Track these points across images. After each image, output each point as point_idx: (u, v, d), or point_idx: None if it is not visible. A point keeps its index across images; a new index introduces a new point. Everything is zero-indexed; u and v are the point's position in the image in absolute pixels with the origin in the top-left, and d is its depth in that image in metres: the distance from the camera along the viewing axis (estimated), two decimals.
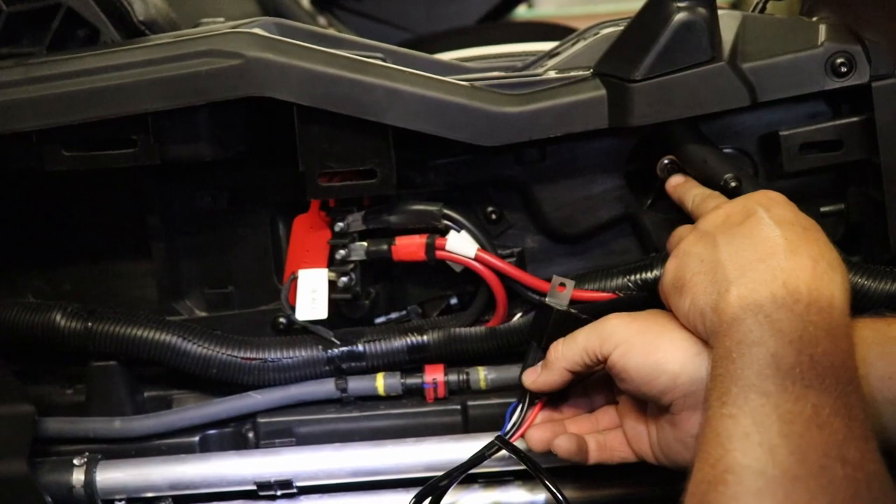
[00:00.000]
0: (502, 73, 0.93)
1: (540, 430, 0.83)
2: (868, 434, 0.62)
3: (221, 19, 1.08)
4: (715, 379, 0.66)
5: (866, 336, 0.71)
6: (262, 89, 0.85)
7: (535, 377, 0.83)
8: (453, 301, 0.98)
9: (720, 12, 0.86)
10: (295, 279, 0.93)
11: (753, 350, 0.65)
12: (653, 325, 0.76)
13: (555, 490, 0.82)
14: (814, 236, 0.71)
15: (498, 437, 0.84)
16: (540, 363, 0.83)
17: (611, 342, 0.76)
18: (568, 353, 0.79)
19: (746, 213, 0.74)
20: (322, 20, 2.27)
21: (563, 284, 0.85)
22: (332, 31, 1.02)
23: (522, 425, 0.84)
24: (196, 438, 0.94)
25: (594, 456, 0.82)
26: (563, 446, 0.81)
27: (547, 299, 0.85)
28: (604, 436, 0.83)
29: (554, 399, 0.85)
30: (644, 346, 0.74)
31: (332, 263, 0.93)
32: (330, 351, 0.93)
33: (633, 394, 0.77)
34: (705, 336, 0.72)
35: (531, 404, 0.85)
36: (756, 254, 0.70)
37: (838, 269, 0.70)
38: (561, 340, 0.81)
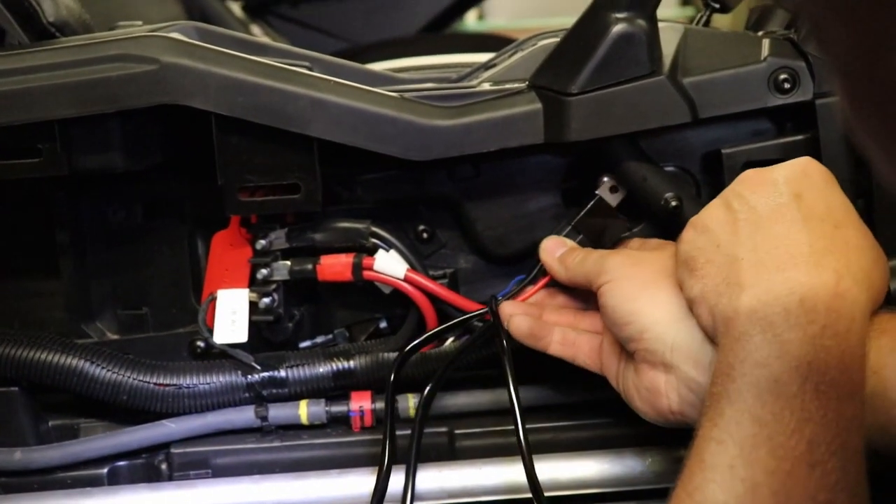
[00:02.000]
0: (434, 85, 0.92)
1: (511, 306, 0.85)
2: (862, 479, 0.61)
3: (139, 23, 1.06)
4: (711, 397, 0.65)
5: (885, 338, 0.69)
6: (178, 97, 0.83)
7: (554, 253, 0.85)
8: (382, 324, 0.97)
9: (661, 24, 0.86)
10: (213, 300, 0.91)
11: (756, 372, 0.63)
12: (647, 274, 0.77)
13: (510, 374, 0.82)
14: (843, 240, 0.68)
15: (493, 297, 0.86)
16: (565, 239, 0.86)
17: (604, 276, 0.79)
18: (576, 268, 0.83)
19: (777, 199, 0.70)
20: (256, 28, 2.26)
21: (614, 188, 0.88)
22: (256, 38, 1.00)
23: (520, 295, 0.87)
24: (104, 470, 0.91)
25: (556, 348, 0.84)
26: (516, 323, 0.84)
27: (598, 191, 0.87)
28: (577, 334, 0.84)
29: (556, 283, 0.87)
30: (627, 291, 0.77)
31: (253, 283, 0.91)
32: (250, 376, 0.91)
33: (608, 328, 0.80)
34: (710, 333, 0.70)
35: (535, 279, 0.88)
36: (776, 260, 0.67)
37: (864, 284, 0.67)
38: (578, 252, 0.84)
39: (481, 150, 0.85)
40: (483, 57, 1.08)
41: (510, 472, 0.86)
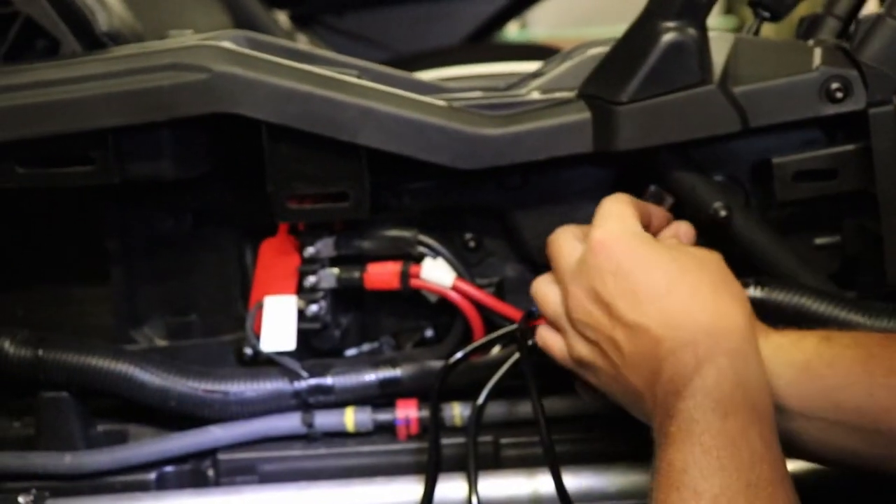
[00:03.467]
0: (482, 94, 0.93)
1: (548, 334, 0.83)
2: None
3: (190, 31, 1.09)
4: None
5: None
6: (229, 105, 0.85)
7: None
8: (428, 333, 0.98)
9: (711, 34, 0.87)
10: (261, 307, 0.93)
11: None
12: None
13: (533, 392, 0.84)
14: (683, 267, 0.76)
15: (527, 312, 0.86)
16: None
17: None
18: None
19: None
20: (302, 38, 2.29)
21: None
22: (305, 47, 1.02)
23: None
24: (152, 475, 0.93)
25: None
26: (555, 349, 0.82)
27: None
28: None
29: None
30: None
31: (300, 291, 0.93)
32: (296, 383, 0.93)
33: None
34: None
35: None
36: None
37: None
38: None
39: (530, 158, 0.87)
40: (530, 66, 1.09)
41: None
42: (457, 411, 0.93)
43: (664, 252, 0.76)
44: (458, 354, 0.90)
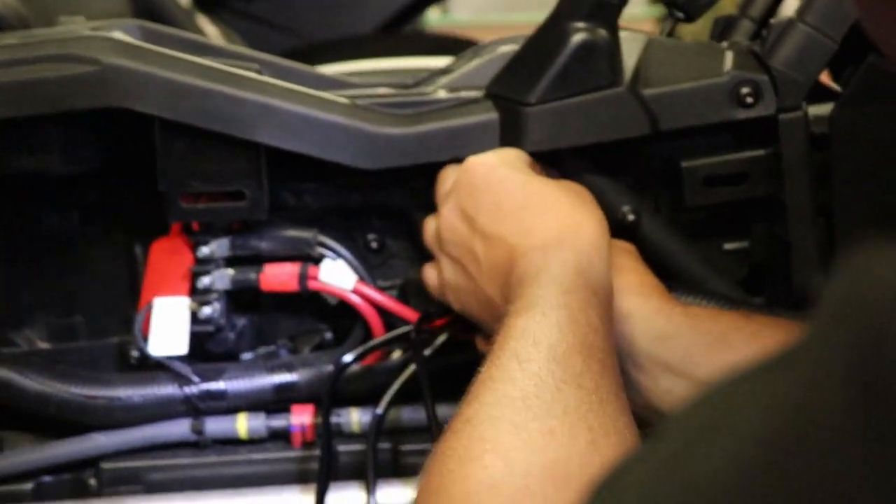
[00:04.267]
0: (387, 91, 0.95)
1: None
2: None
3: (81, 18, 1.08)
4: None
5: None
6: (120, 100, 0.86)
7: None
8: (327, 335, 1.00)
9: (623, 34, 0.89)
10: (150, 309, 0.93)
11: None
12: None
13: (427, 397, 0.86)
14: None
15: (422, 316, 0.91)
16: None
17: None
18: None
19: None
20: (205, 22, 2.27)
21: None
22: (202, 38, 1.03)
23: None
24: (29, 486, 0.92)
25: None
26: None
27: None
28: None
29: None
30: None
31: (193, 292, 0.94)
32: (187, 388, 0.93)
33: None
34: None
35: None
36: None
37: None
38: None
39: (434, 159, 0.88)
40: (441, 61, 1.11)
41: None
42: (355, 417, 0.94)
43: (532, 176, 0.83)
44: (349, 357, 0.91)
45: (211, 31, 2.28)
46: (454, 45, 1.98)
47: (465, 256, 0.83)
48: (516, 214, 0.79)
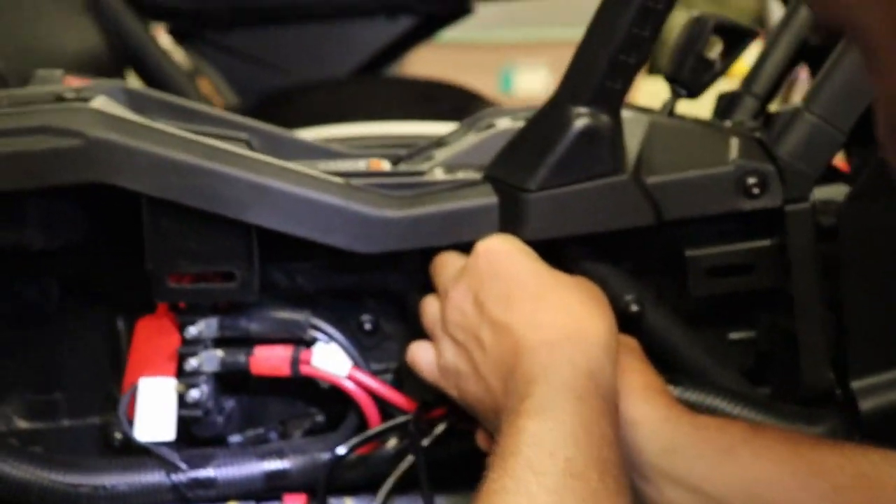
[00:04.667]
0: (382, 170, 0.94)
1: None
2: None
3: (59, 72, 1.07)
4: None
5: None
6: (105, 175, 0.85)
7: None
8: (319, 419, 0.99)
9: (625, 115, 0.90)
10: (136, 390, 0.92)
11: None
12: None
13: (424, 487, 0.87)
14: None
15: (419, 407, 0.91)
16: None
17: None
18: None
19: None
20: (181, 56, 2.27)
21: None
22: (191, 103, 1.02)
23: None
24: None
25: None
26: None
27: None
28: None
29: None
30: None
31: (180, 374, 0.93)
32: (174, 476, 0.92)
33: None
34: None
35: None
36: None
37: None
38: None
39: (432, 244, 0.88)
40: (432, 128, 1.11)
41: None
42: None
43: (543, 266, 0.84)
44: (343, 449, 0.91)
45: (185, 62, 2.28)
46: (440, 93, 1.99)
47: (470, 342, 0.83)
48: (527, 305, 0.80)
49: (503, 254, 0.84)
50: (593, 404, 0.73)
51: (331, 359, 0.93)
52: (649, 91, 1.18)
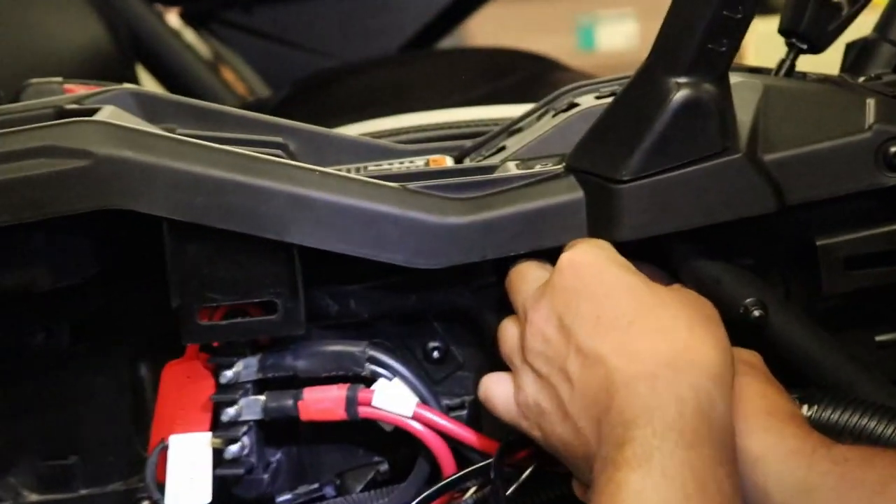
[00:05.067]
0: (444, 168, 0.95)
1: None
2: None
3: (58, 79, 1.10)
4: None
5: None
6: (118, 200, 0.86)
7: None
8: (382, 468, 1.00)
9: (734, 82, 0.89)
10: (165, 448, 0.94)
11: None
12: None
13: None
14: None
15: (503, 444, 0.91)
16: None
17: None
18: None
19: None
20: (197, 42, 2.30)
21: None
22: (215, 106, 1.04)
23: None
24: None
25: None
26: None
27: None
28: None
29: None
30: None
31: (216, 426, 0.94)
32: None
33: None
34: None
35: None
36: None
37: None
38: None
39: (508, 252, 0.89)
40: (501, 111, 1.12)
41: None
42: None
43: (641, 280, 0.83)
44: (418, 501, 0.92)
45: (202, 50, 2.31)
46: (506, 61, 2.00)
47: (555, 374, 0.83)
48: (622, 330, 0.80)
49: (593, 267, 0.84)
50: (706, 452, 0.73)
51: (394, 397, 0.94)
52: (764, 33, 1.16)
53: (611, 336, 0.80)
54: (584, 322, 0.82)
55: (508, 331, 0.89)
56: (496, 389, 0.89)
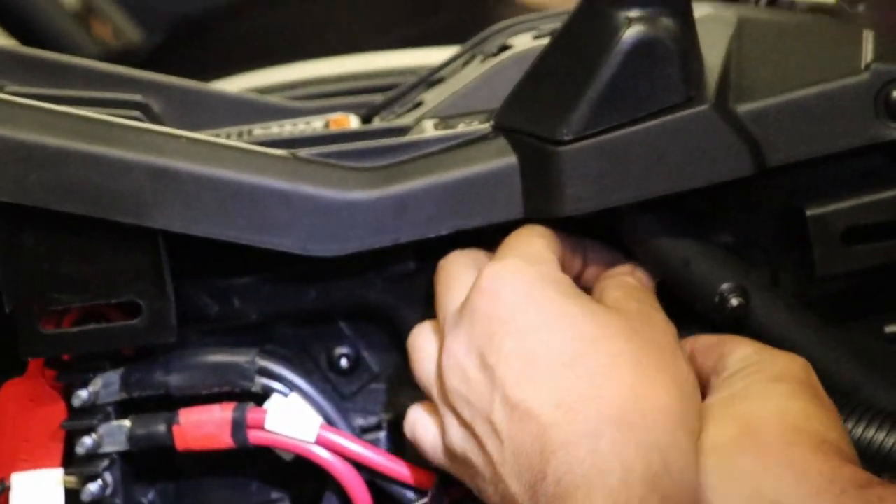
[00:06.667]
0: (346, 130, 0.95)
1: None
2: None
3: None
4: None
5: None
6: None
7: None
8: None
9: (700, 13, 0.90)
10: (6, 489, 0.94)
11: None
12: None
13: None
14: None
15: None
16: None
17: None
18: None
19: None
20: None
21: None
22: (64, 57, 1.04)
23: None
24: None
25: None
26: None
27: None
28: None
29: None
30: None
31: (70, 461, 0.95)
32: None
33: None
34: None
35: None
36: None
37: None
38: None
39: (426, 234, 0.89)
40: (415, 56, 1.12)
41: None
42: None
43: (579, 304, 0.83)
44: None
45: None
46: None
47: (479, 425, 0.82)
48: (556, 375, 0.79)
49: (517, 290, 0.83)
50: None
51: (293, 417, 0.94)
52: None
53: (543, 384, 0.80)
54: (510, 364, 0.81)
55: (424, 349, 0.89)
56: (424, 430, 0.89)
